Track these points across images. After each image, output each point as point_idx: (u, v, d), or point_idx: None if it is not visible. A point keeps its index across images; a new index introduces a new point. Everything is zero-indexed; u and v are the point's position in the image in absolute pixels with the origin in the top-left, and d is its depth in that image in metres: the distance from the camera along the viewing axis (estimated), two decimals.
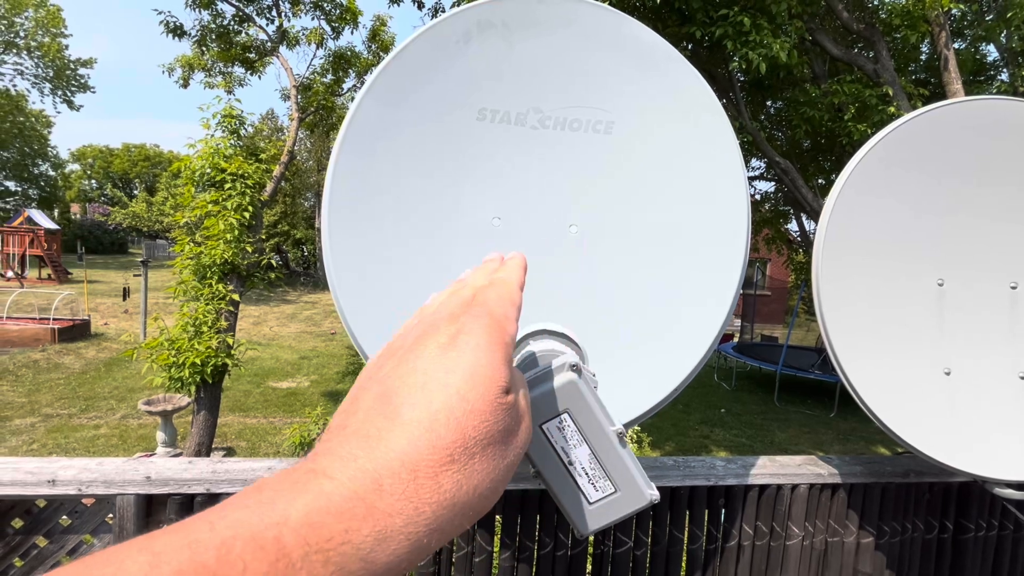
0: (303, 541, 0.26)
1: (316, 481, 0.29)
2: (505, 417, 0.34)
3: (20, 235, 24.80)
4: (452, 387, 0.33)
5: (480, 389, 0.33)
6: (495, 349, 0.35)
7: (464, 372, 0.33)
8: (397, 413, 0.32)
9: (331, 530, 0.27)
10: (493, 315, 0.38)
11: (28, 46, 32.59)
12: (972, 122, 1.35)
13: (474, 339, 0.35)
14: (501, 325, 0.37)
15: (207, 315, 6.88)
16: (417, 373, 0.34)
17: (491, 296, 0.40)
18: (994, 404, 1.32)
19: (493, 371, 0.34)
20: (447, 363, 0.34)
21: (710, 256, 1.19)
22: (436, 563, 1.30)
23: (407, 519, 0.29)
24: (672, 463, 1.44)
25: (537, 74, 1.15)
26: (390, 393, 0.33)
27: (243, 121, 7.59)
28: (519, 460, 0.36)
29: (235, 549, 0.24)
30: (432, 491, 0.30)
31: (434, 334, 0.36)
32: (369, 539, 0.28)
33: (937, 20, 6.41)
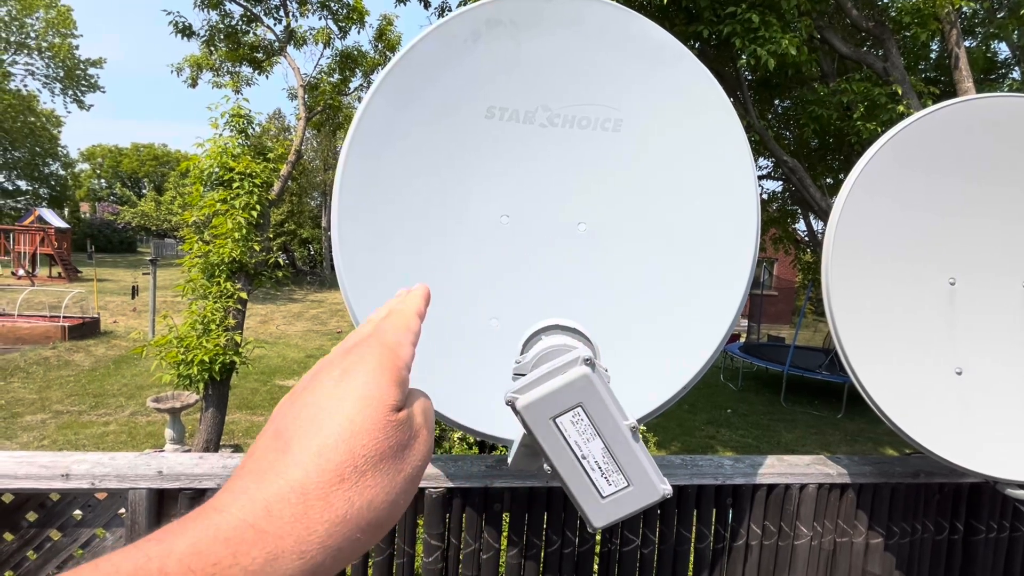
0: (187, 568, 0.28)
1: (206, 515, 0.31)
2: (396, 433, 0.36)
3: (31, 234, 25.08)
4: (341, 413, 0.35)
5: (368, 411, 0.36)
6: (384, 373, 0.38)
7: (353, 398, 0.36)
8: (288, 446, 0.34)
9: (218, 555, 0.29)
10: (384, 343, 0.41)
11: (39, 47, 32.93)
12: (983, 120, 1.33)
13: (365, 367, 0.38)
14: (393, 351, 0.40)
15: (215, 313, 6.93)
16: (309, 407, 0.36)
17: (386, 326, 0.43)
18: (1006, 404, 1.31)
19: (381, 392, 0.37)
20: (338, 392, 0.37)
21: (719, 255, 1.19)
22: (444, 560, 1.31)
23: (298, 539, 0.31)
24: (680, 462, 1.44)
25: (545, 72, 1.15)
26: (281, 430, 0.36)
27: (251, 120, 7.64)
28: (419, 472, 0.38)
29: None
30: (323, 510, 0.32)
31: (329, 369, 0.39)
32: (259, 560, 0.29)
33: (948, 18, 6.34)
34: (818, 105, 7.32)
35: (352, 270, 1.10)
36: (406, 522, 1.30)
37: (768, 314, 22.76)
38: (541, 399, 0.44)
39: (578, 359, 0.45)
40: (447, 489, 1.30)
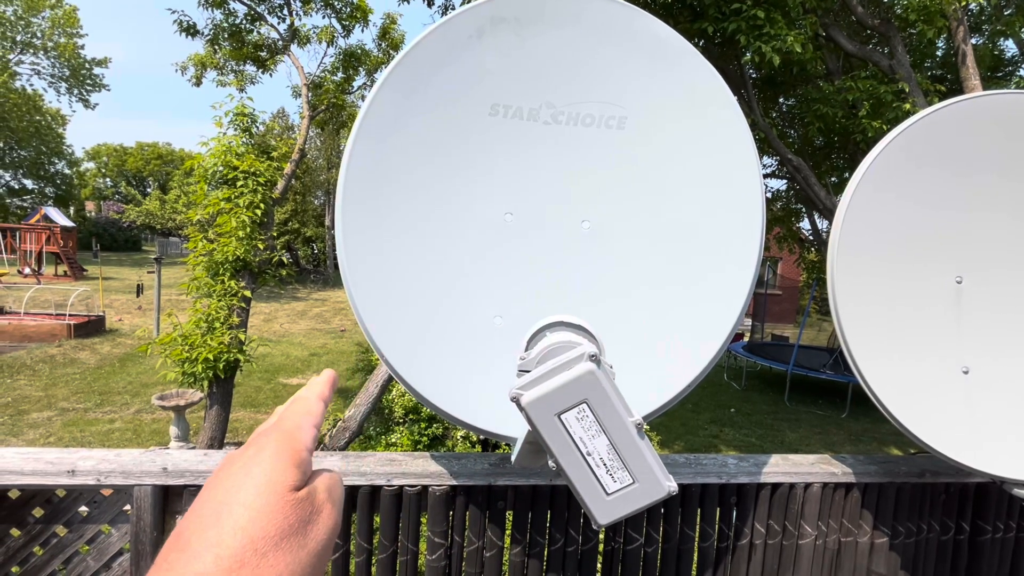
0: None
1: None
2: (296, 511, 0.38)
3: (37, 232, 25.22)
4: (239, 502, 0.37)
5: (266, 494, 0.37)
6: (281, 456, 0.40)
7: (252, 484, 0.38)
8: (188, 544, 0.35)
9: None
10: (283, 429, 0.43)
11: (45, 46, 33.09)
12: (990, 118, 1.32)
13: (263, 455, 0.40)
14: (291, 435, 0.42)
15: (219, 311, 6.96)
16: (209, 503, 0.38)
17: (287, 414, 0.46)
18: (1013, 403, 1.30)
19: (278, 475, 0.39)
20: (238, 483, 0.38)
21: (724, 253, 1.18)
22: (447, 557, 1.31)
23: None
24: (683, 460, 1.43)
25: (549, 69, 1.15)
26: (183, 530, 0.37)
27: (255, 119, 7.65)
28: (326, 546, 0.40)
29: None
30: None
31: (231, 465, 0.41)
32: None
33: (955, 15, 6.29)
34: (823, 103, 7.28)
35: (356, 269, 1.10)
36: (409, 520, 1.30)
37: (772, 313, 22.68)
38: (546, 395, 0.44)
39: (583, 355, 0.44)
40: (450, 487, 1.30)
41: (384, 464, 1.31)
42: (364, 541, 1.31)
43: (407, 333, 1.11)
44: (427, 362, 1.11)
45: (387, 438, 6.90)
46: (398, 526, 1.31)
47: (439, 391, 1.11)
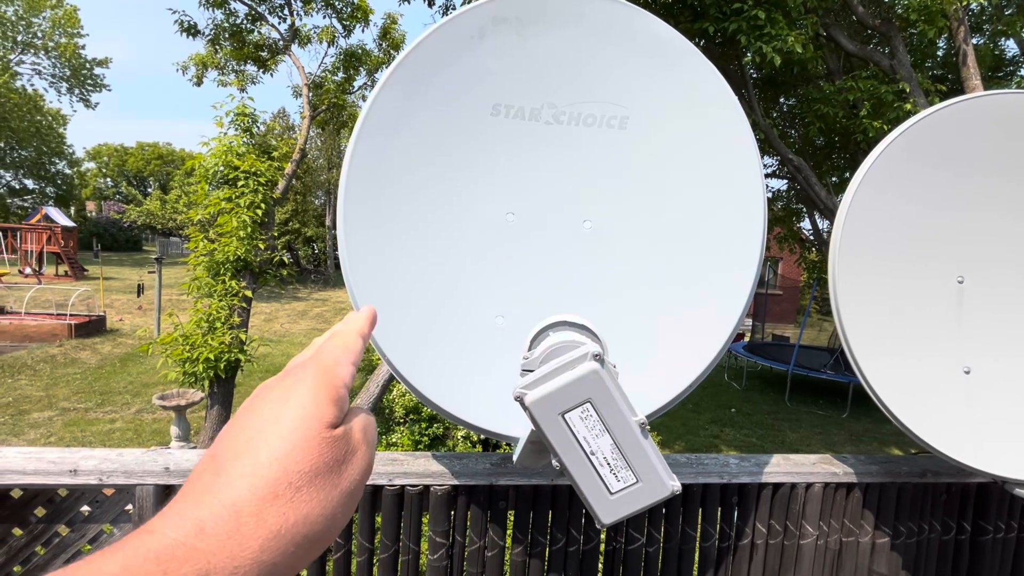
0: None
1: (138, 538, 0.31)
2: (331, 448, 0.37)
3: (38, 232, 25.24)
4: (275, 433, 0.36)
5: (303, 429, 0.37)
6: (320, 391, 0.39)
7: (289, 417, 0.37)
8: (222, 468, 0.35)
9: (147, 573, 0.29)
10: (322, 363, 0.42)
11: (45, 46, 33.11)
12: (991, 118, 1.32)
13: (302, 387, 0.39)
14: (330, 371, 0.41)
15: (220, 311, 6.96)
16: (246, 429, 0.37)
17: (326, 347, 0.44)
18: (1015, 403, 1.30)
19: (317, 410, 0.38)
20: (274, 414, 0.38)
21: (725, 253, 1.18)
22: (448, 557, 1.31)
23: (231, 555, 0.31)
24: (685, 460, 1.43)
25: (551, 69, 1.15)
26: (217, 454, 0.37)
27: (256, 119, 7.66)
28: (358, 487, 0.39)
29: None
30: (256, 527, 0.33)
31: (267, 392, 0.40)
32: None
33: (956, 15, 6.29)
34: (824, 103, 7.27)
35: (358, 269, 1.10)
36: (411, 519, 1.30)
37: (773, 313, 22.67)
38: (550, 395, 0.44)
39: (587, 355, 0.45)
40: (452, 487, 1.30)
41: (386, 464, 1.31)
42: (366, 541, 1.31)
43: (409, 333, 1.11)
44: (429, 362, 1.11)
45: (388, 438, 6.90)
46: (400, 526, 1.31)
47: (440, 391, 1.11)
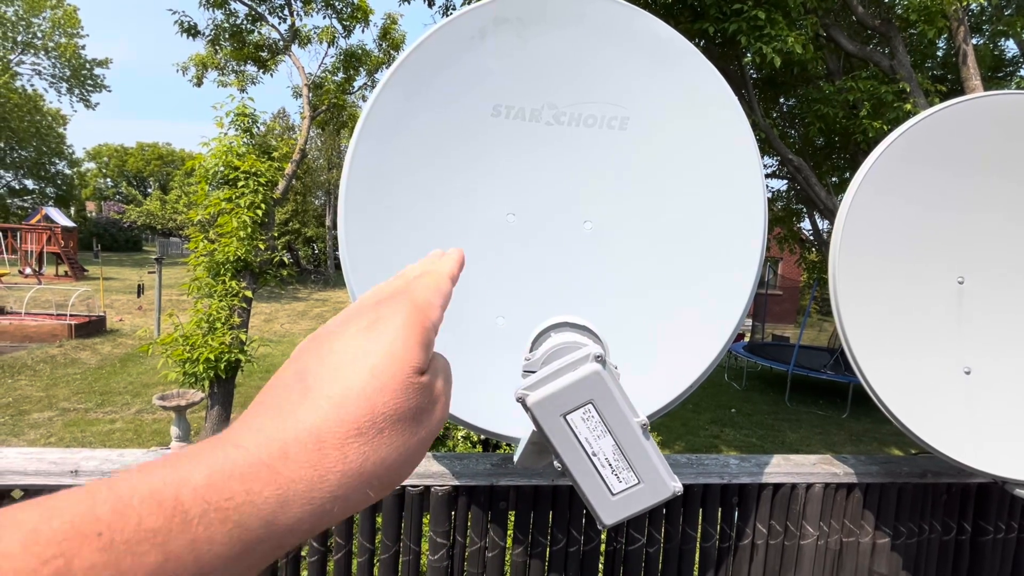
0: (202, 499, 0.27)
1: (223, 448, 0.30)
2: (417, 396, 0.36)
3: (38, 233, 25.24)
4: (365, 366, 0.35)
5: (393, 369, 0.35)
6: (412, 332, 0.37)
7: (379, 352, 0.35)
8: (309, 389, 0.34)
9: (232, 491, 0.28)
10: (415, 301, 0.39)
11: (45, 46, 33.12)
12: (991, 118, 1.32)
13: (393, 322, 0.37)
14: (422, 310, 0.39)
15: (220, 311, 6.96)
16: (335, 353, 0.36)
17: (418, 284, 0.42)
18: (1015, 404, 1.30)
19: (407, 352, 0.36)
20: (364, 344, 0.36)
21: (725, 253, 1.18)
22: (449, 557, 1.31)
23: (310, 485, 0.31)
24: (685, 460, 1.43)
25: (551, 70, 1.15)
26: (305, 372, 0.35)
27: (256, 119, 7.66)
28: (432, 438, 0.38)
29: (131, 504, 0.25)
30: (337, 460, 0.32)
31: (357, 319, 0.38)
32: (271, 501, 0.29)
33: (955, 15, 6.29)
34: (824, 103, 7.28)
35: (358, 269, 1.10)
36: (412, 520, 1.30)
37: (773, 313, 22.67)
38: (552, 396, 0.44)
39: (589, 356, 0.45)
40: (453, 487, 1.30)
41: None
42: (367, 541, 1.31)
43: None
44: None
45: None
46: (400, 526, 1.31)
47: None
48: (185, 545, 0.26)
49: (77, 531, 0.24)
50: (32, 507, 0.25)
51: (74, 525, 0.24)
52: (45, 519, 0.24)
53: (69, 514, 0.24)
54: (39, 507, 0.25)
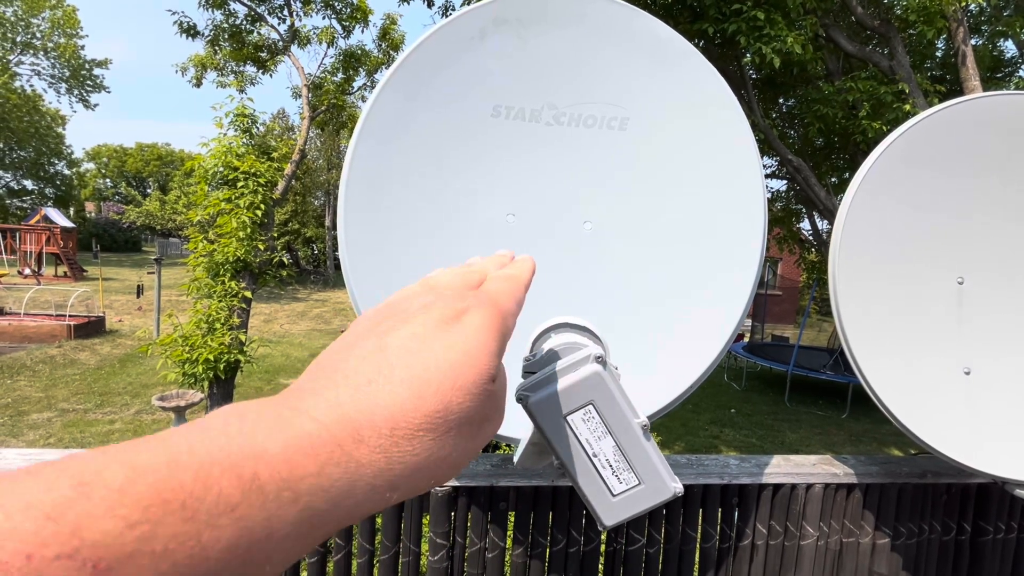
0: (278, 476, 0.27)
1: (299, 419, 0.29)
2: (486, 403, 0.35)
3: (37, 233, 25.23)
4: (446, 360, 0.34)
5: (471, 370, 0.34)
6: (492, 337, 0.36)
7: (460, 349, 0.34)
8: (391, 370, 0.33)
9: (305, 470, 0.28)
10: (498, 305, 0.38)
11: (44, 47, 33.11)
12: (991, 119, 1.32)
13: (476, 322, 0.36)
14: (504, 317, 0.38)
15: (220, 312, 6.96)
16: (416, 338, 0.35)
17: (500, 288, 0.41)
18: (1014, 404, 1.30)
19: (487, 357, 0.35)
20: (447, 337, 0.35)
21: (725, 254, 1.18)
22: (449, 558, 1.31)
23: (377, 472, 0.30)
24: (685, 461, 1.43)
25: (551, 70, 1.15)
26: (387, 349, 0.34)
27: (255, 120, 7.66)
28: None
29: (213, 474, 0.25)
30: (405, 451, 0.31)
31: (440, 306, 0.37)
32: (339, 483, 0.29)
33: (955, 15, 6.30)
34: (823, 104, 7.28)
35: (358, 269, 1.10)
36: (412, 521, 1.30)
37: (772, 314, 22.69)
38: (553, 396, 0.44)
39: (589, 357, 0.45)
40: (452, 488, 1.30)
41: None
42: (366, 542, 1.31)
43: None
44: None
45: None
46: (400, 527, 1.31)
47: None
48: (261, 522, 0.26)
49: (162, 497, 0.23)
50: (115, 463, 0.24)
51: (159, 491, 0.23)
52: (131, 480, 0.23)
53: (153, 477, 0.24)
54: (122, 464, 0.24)
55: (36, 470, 0.23)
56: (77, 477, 0.23)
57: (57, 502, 0.22)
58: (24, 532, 0.21)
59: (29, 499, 0.22)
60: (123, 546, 0.22)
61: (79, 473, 0.23)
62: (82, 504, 0.22)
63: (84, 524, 0.22)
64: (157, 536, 0.23)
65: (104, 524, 0.22)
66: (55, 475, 0.23)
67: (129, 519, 0.22)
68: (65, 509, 0.22)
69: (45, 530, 0.21)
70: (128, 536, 0.22)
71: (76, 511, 0.22)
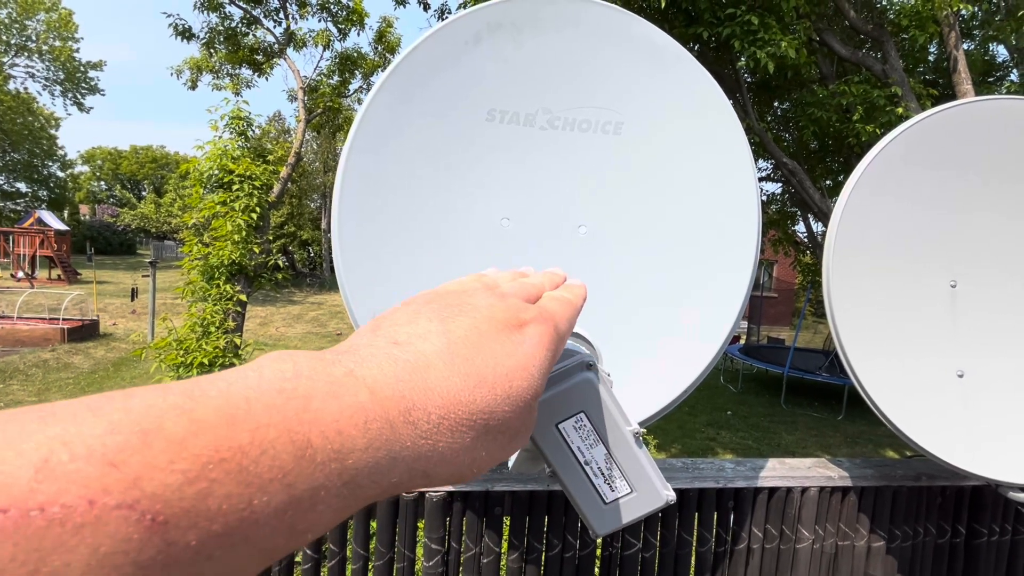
0: (329, 447, 0.27)
1: (355, 388, 0.29)
2: (526, 418, 0.35)
3: (31, 236, 25.07)
4: (504, 366, 0.34)
5: (523, 382, 0.34)
6: (546, 356, 0.36)
7: (518, 359, 0.34)
8: (451, 358, 0.33)
9: (355, 443, 0.27)
10: (558, 328, 0.39)
11: (39, 49, 32.98)
12: (984, 123, 1.33)
13: (535, 337, 0.36)
14: (560, 337, 0.39)
15: (215, 315, 6.93)
16: (480, 334, 0.34)
17: (559, 310, 0.41)
18: (1008, 407, 1.31)
19: (539, 374, 0.35)
20: (508, 344, 0.35)
21: (720, 256, 1.18)
22: (444, 564, 1.30)
23: (418, 455, 0.30)
24: (680, 465, 1.43)
25: (546, 75, 1.15)
26: (450, 335, 0.34)
27: (251, 123, 7.65)
28: (505, 460, 0.37)
29: (268, 436, 0.25)
30: (446, 442, 0.31)
31: (504, 310, 0.37)
32: (383, 461, 0.29)
33: (946, 20, 6.36)
34: (817, 107, 7.33)
35: (352, 274, 1.09)
36: (407, 526, 1.29)
37: (768, 316, 22.76)
38: (543, 405, 0.44)
39: (581, 364, 0.44)
40: (447, 493, 1.29)
41: None
42: (360, 548, 1.30)
43: None
44: None
45: None
46: (395, 532, 1.30)
47: None
48: (308, 491, 0.25)
49: (220, 456, 0.23)
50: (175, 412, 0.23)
51: (218, 449, 0.23)
52: (192, 434, 0.23)
53: (213, 435, 0.23)
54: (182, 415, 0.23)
55: (98, 407, 0.23)
56: (139, 423, 0.22)
57: (120, 447, 0.21)
58: (87, 476, 0.20)
59: (91, 440, 0.21)
60: (180, 501, 0.21)
61: (141, 419, 0.22)
62: (144, 453, 0.21)
63: (145, 475, 0.21)
64: (213, 494, 0.22)
65: (164, 477, 0.21)
66: (118, 417, 0.22)
67: (188, 474, 0.22)
68: (127, 456, 0.21)
69: (108, 477, 0.20)
70: (187, 491, 0.22)
71: (138, 460, 0.21)
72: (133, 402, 0.23)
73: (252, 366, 0.29)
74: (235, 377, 0.27)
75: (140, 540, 0.20)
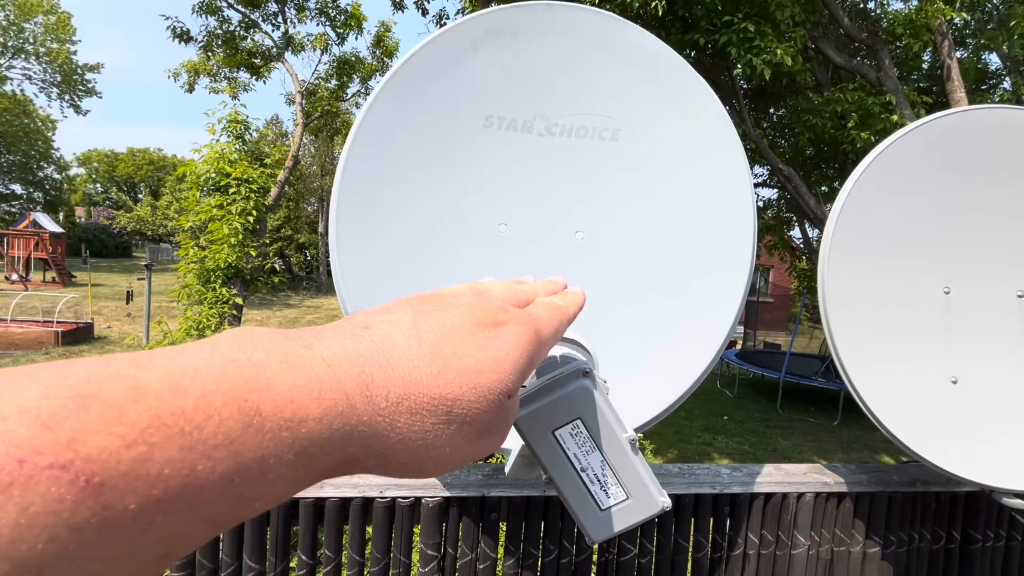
0: (279, 415, 0.26)
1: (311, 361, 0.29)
2: (495, 413, 0.35)
3: (25, 238, 24.94)
4: (472, 357, 0.34)
5: (492, 375, 0.34)
6: (522, 356, 0.36)
7: (489, 353, 0.35)
8: (418, 343, 0.33)
9: (308, 413, 0.27)
10: (537, 329, 0.39)
11: (36, 52, 32.92)
12: (978, 131, 1.35)
13: (511, 336, 0.36)
14: (541, 341, 0.39)
15: (210, 319, 6.90)
16: (452, 328, 0.35)
17: (544, 314, 0.41)
18: (1002, 413, 1.32)
19: (512, 370, 0.35)
20: (480, 339, 0.35)
21: (715, 262, 1.19)
22: (440, 570, 1.30)
23: (374, 432, 0.30)
24: (677, 471, 1.43)
25: (544, 82, 1.16)
26: (420, 325, 0.34)
27: (248, 126, 7.65)
28: (476, 458, 0.37)
29: (215, 403, 0.25)
30: (404, 422, 0.31)
31: (482, 310, 0.37)
32: (338, 434, 0.28)
33: (940, 29, 6.42)
34: (812, 114, 7.39)
35: (349, 279, 1.09)
36: (402, 532, 1.29)
37: (764, 321, 22.83)
38: (540, 412, 0.44)
39: (578, 371, 0.45)
40: (443, 498, 1.29)
41: (377, 476, 1.29)
42: (356, 554, 1.30)
43: None
44: None
45: None
46: (391, 538, 1.30)
47: None
48: (256, 459, 0.25)
49: (161, 421, 0.23)
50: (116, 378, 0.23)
51: (159, 415, 0.23)
52: (131, 399, 0.23)
53: (155, 401, 0.23)
54: (123, 381, 0.23)
55: (35, 373, 0.23)
56: (76, 388, 0.22)
57: (54, 410, 0.21)
58: (18, 436, 0.20)
59: (25, 403, 0.21)
60: (118, 464, 0.21)
61: (79, 384, 0.22)
62: (79, 416, 0.21)
63: (80, 437, 0.21)
64: (153, 459, 0.22)
65: (100, 440, 0.21)
66: (55, 382, 0.22)
67: (126, 438, 0.22)
68: (62, 419, 0.21)
69: (40, 437, 0.20)
70: (124, 455, 0.22)
71: (72, 422, 0.21)
72: (73, 369, 0.23)
73: (209, 339, 0.29)
74: (189, 348, 0.27)
75: (73, 501, 0.20)
